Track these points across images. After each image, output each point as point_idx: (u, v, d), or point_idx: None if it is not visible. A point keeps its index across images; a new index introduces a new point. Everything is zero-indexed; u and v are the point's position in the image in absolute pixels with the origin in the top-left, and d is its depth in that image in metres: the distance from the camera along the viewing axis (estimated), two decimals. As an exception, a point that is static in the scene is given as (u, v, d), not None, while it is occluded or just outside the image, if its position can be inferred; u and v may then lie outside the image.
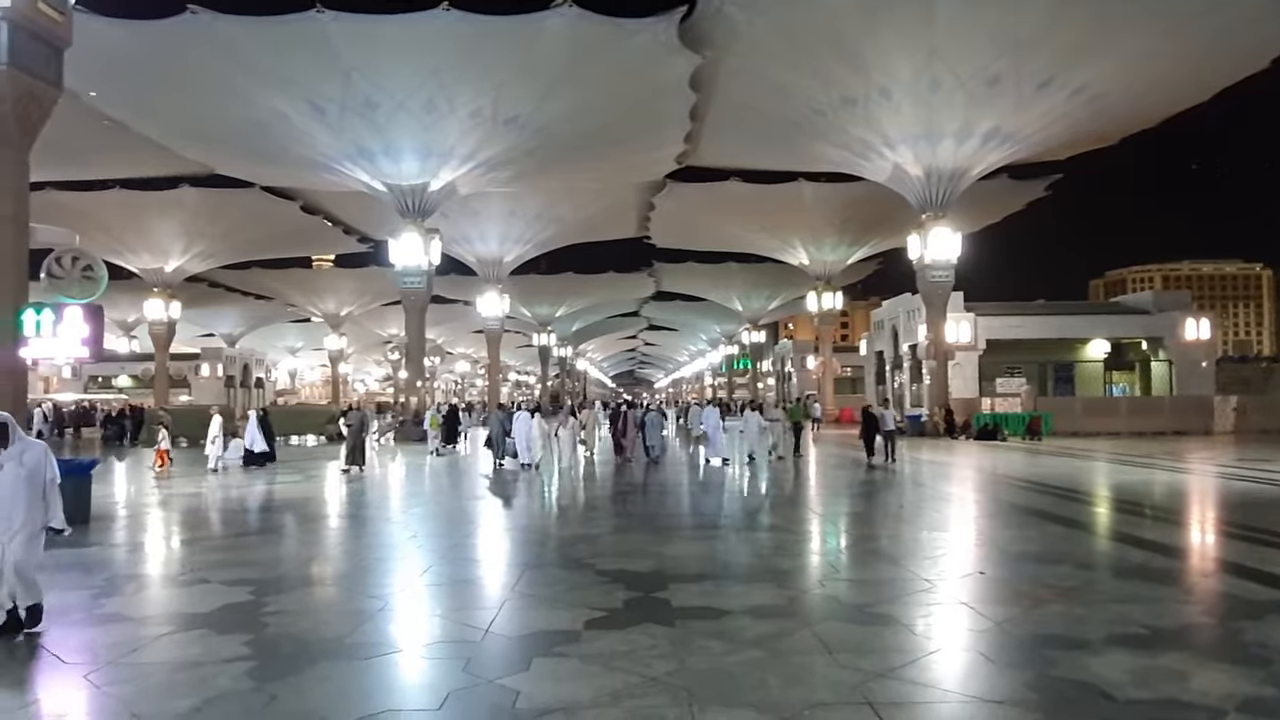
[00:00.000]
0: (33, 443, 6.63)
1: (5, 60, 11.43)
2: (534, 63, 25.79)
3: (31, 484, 6.36)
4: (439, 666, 5.82)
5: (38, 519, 6.44)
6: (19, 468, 6.32)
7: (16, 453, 6.38)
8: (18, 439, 6.45)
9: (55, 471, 6.65)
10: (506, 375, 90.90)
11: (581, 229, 46.32)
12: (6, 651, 6.17)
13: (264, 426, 21.85)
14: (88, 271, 12.97)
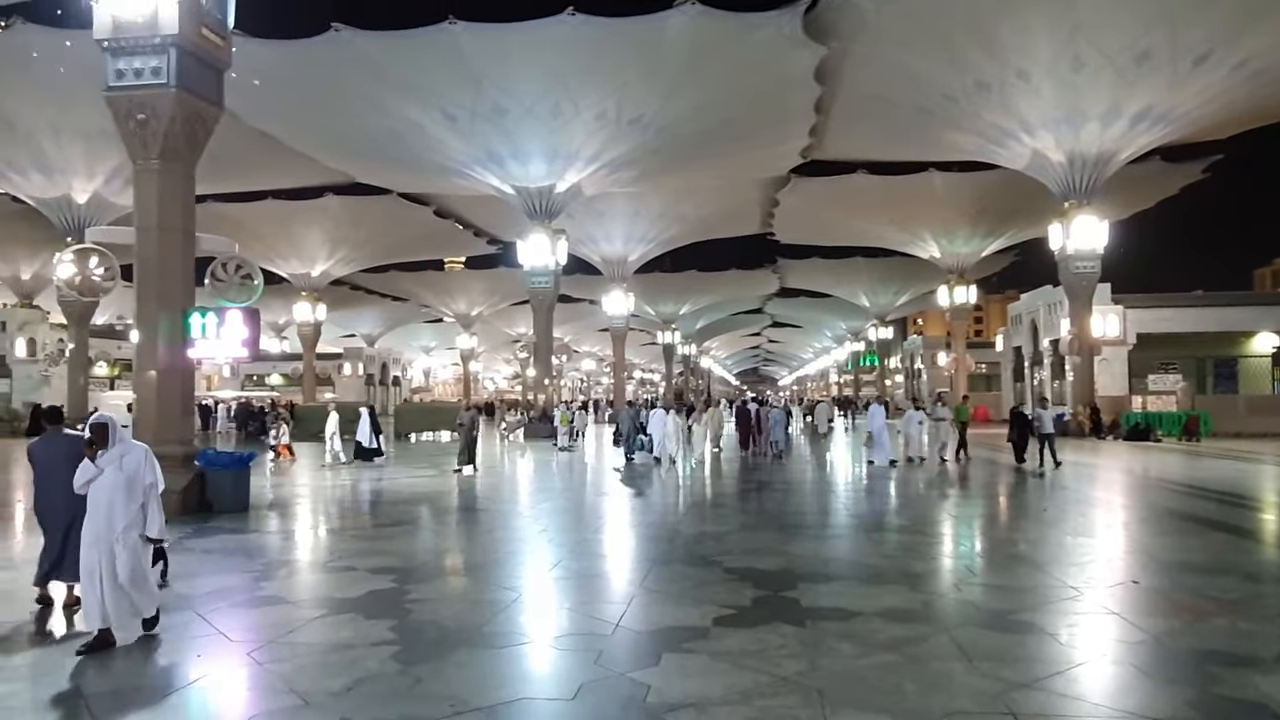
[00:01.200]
0: (134, 445, 6.30)
1: (174, 83, 12.39)
2: (657, 62, 25.94)
3: (131, 490, 6.09)
4: (571, 658, 5.95)
5: (138, 527, 6.16)
6: (118, 472, 6.04)
7: (116, 455, 6.09)
8: (119, 440, 6.16)
9: (157, 476, 6.31)
10: (631, 373, 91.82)
11: (704, 226, 46.26)
12: (182, 625, 6.69)
13: (373, 423, 22.56)
14: (246, 277, 13.93)
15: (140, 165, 12.89)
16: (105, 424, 6.15)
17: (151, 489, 6.24)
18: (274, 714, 4.83)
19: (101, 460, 6.01)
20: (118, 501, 5.98)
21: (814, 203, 41.17)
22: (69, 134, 29.34)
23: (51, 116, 28.50)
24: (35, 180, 32.27)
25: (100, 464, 6.00)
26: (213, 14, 13.11)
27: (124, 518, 6.01)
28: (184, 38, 12.43)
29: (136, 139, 12.68)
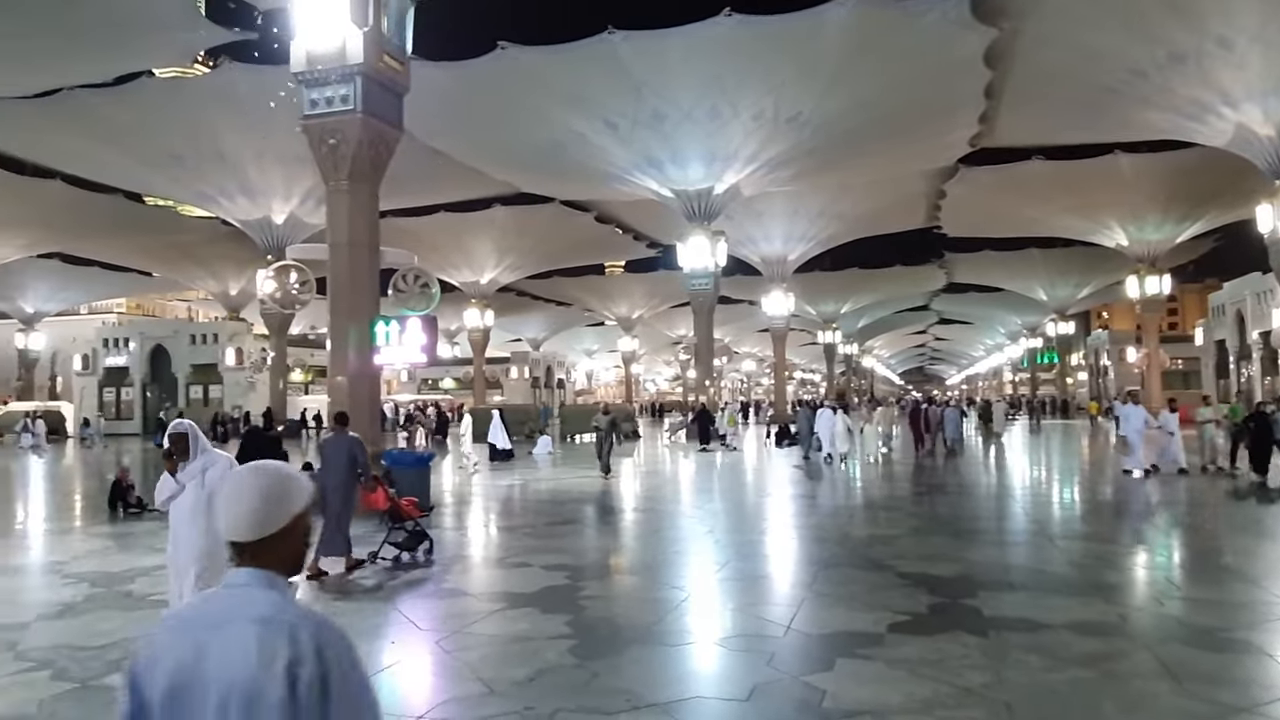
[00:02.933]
0: (218, 456, 5.47)
1: (360, 108, 13.34)
2: (815, 58, 25.49)
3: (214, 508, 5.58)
4: (743, 659, 5.95)
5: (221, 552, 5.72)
6: (200, 489, 5.24)
7: (198, 469, 5.32)
8: (201, 452, 5.38)
9: None
10: (791, 374, 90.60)
11: (866, 223, 45.00)
12: (374, 612, 7.18)
13: (505, 425, 23.29)
14: (424, 287, 14.77)
15: (332, 186, 13.94)
16: (185, 433, 5.41)
17: None
18: (463, 700, 5.10)
19: (182, 475, 5.33)
20: (198, 522, 5.17)
21: (984, 193, 39.20)
22: (269, 160, 32.10)
23: (254, 145, 31.26)
24: (241, 204, 35.54)
25: (181, 479, 5.33)
26: (393, 42, 14.01)
27: (206, 542, 5.14)
28: (368, 66, 13.35)
29: (328, 162, 13.72)
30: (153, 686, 1.63)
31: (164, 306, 79.86)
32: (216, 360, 46.79)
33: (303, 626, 1.64)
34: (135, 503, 13.70)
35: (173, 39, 24.29)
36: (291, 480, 1.83)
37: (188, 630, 1.66)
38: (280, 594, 1.72)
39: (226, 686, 1.57)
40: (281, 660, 1.58)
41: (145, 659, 1.67)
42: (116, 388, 47.52)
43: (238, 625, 1.62)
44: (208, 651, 1.61)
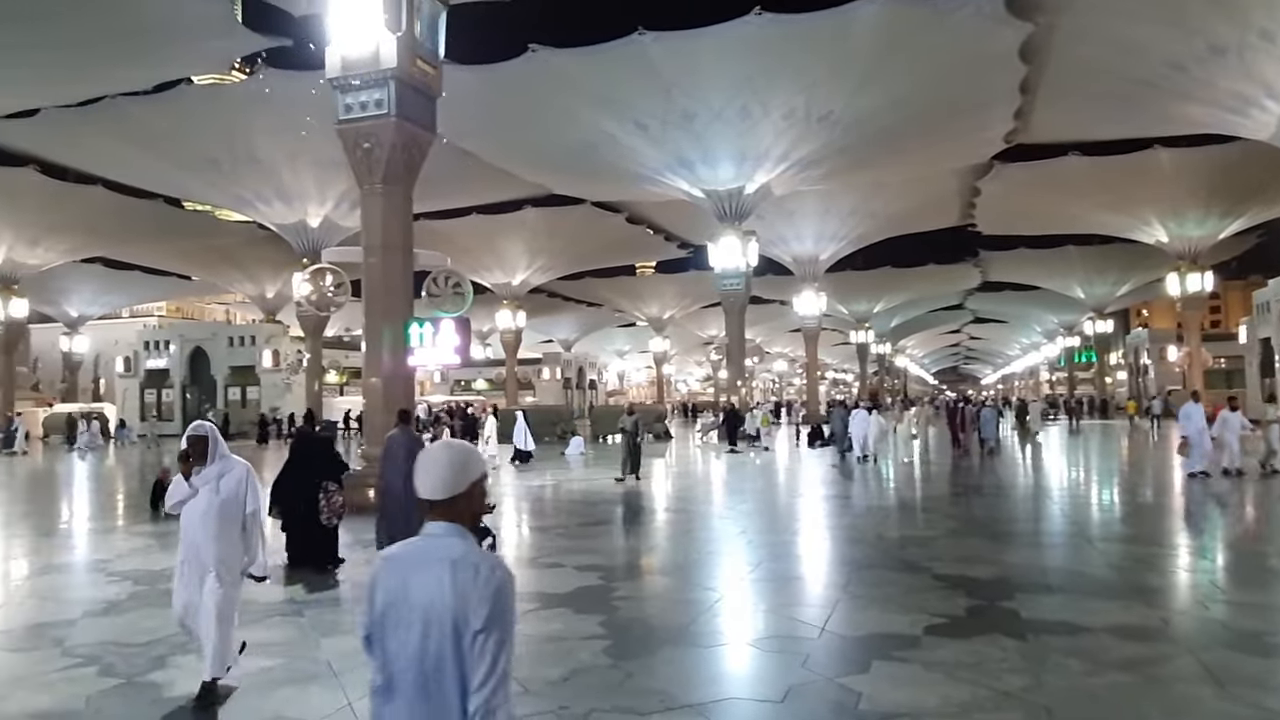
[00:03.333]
0: (235, 462, 5.23)
1: (394, 112, 13.49)
2: (846, 56, 25.31)
3: (225, 515, 5.08)
4: (778, 660, 5.92)
5: (235, 560, 5.15)
6: (214, 495, 5.07)
7: (214, 475, 5.11)
8: (219, 457, 5.16)
9: (259, 500, 5.30)
10: (824, 374, 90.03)
11: (899, 221, 44.61)
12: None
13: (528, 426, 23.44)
14: (457, 288, 14.90)
15: (366, 189, 14.10)
16: (205, 436, 5.16)
17: (253, 517, 5.24)
18: (498, 699, 5.12)
19: (197, 479, 5.09)
20: (210, 529, 5.02)
21: (1019, 190, 38.68)
22: (304, 165, 32.52)
23: (289, 150, 31.69)
24: (277, 208, 36.04)
25: (195, 483, 5.09)
26: (425, 46, 14.14)
27: (217, 549, 5.03)
28: (401, 70, 13.48)
29: (363, 165, 13.88)
30: (376, 605, 2.25)
31: (203, 309, 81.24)
32: (254, 362, 47.51)
33: (483, 567, 2.19)
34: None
35: (210, 47, 24.71)
36: (471, 455, 2.36)
37: (398, 566, 2.26)
38: (465, 541, 2.25)
39: (426, 609, 2.16)
40: (469, 588, 2.14)
41: (370, 585, 2.28)
42: (157, 389, 48.42)
43: (435, 563, 2.19)
44: (412, 582, 2.20)
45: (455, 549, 2.21)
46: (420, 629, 2.15)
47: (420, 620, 2.15)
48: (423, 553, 2.24)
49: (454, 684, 2.13)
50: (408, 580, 2.20)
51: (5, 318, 42.34)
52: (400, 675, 2.18)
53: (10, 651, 6.35)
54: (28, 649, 6.37)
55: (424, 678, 2.15)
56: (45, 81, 25.43)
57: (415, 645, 2.15)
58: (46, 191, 35.96)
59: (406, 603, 2.18)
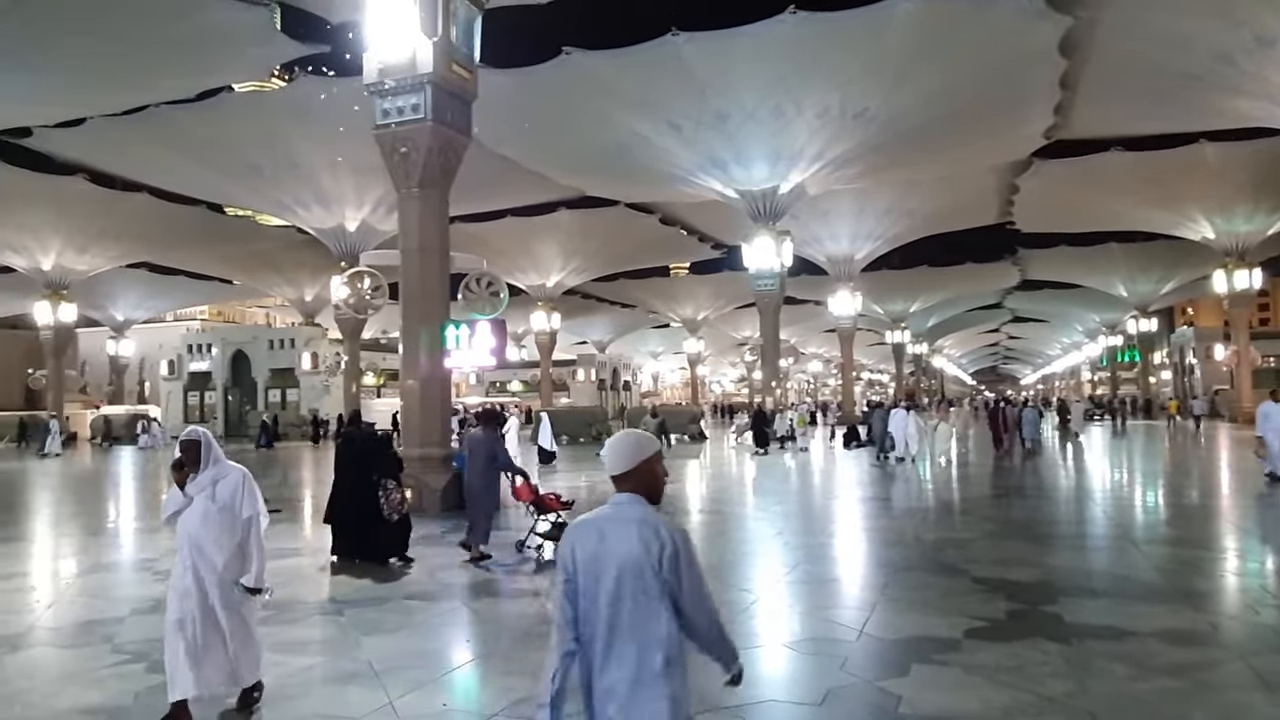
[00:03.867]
0: (230, 468, 4.99)
1: (430, 117, 13.63)
2: (881, 53, 25.10)
3: (223, 525, 4.84)
4: (815, 663, 5.89)
5: (236, 569, 4.89)
6: (209, 502, 4.84)
7: (209, 481, 4.87)
8: (213, 462, 4.92)
9: (257, 508, 4.98)
10: (859, 374, 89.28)
11: (935, 220, 44.13)
12: (450, 612, 7.31)
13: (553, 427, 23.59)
14: (493, 291, 15.03)
15: (403, 193, 14.26)
16: (198, 441, 4.93)
17: (252, 524, 4.93)
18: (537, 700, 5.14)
19: (191, 487, 4.87)
20: (206, 540, 4.79)
21: (1059, 187, 38.07)
22: (342, 170, 32.98)
23: (328, 155, 32.14)
24: (315, 212, 36.57)
25: (189, 491, 4.87)
26: (461, 51, 14.27)
27: (217, 558, 4.81)
28: (437, 75, 13.63)
29: (400, 170, 14.05)
30: (574, 559, 2.82)
31: (244, 313, 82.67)
32: (293, 364, 48.23)
33: (663, 526, 2.78)
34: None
35: (251, 55, 25.14)
36: (643, 439, 2.98)
37: (593, 526, 2.85)
38: (644, 508, 2.84)
39: (620, 560, 2.73)
40: (654, 545, 2.72)
41: (569, 542, 2.87)
42: (200, 392, 49.36)
43: (624, 523, 2.79)
44: (607, 538, 2.78)
45: (637, 513, 2.81)
46: (615, 573, 2.73)
47: (615, 566, 2.74)
48: (613, 516, 2.85)
49: (645, 612, 2.71)
50: (604, 537, 2.79)
51: (55, 322, 43.43)
52: (595, 606, 2.76)
53: (62, 648, 6.52)
54: (78, 645, 6.53)
55: (618, 606, 2.72)
56: (93, 91, 26.07)
57: (612, 584, 2.74)
58: (94, 199, 36.86)
59: (604, 554, 2.76)
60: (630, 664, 2.69)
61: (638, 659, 2.69)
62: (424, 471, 13.81)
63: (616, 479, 2.89)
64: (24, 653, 6.38)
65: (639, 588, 2.71)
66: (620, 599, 2.71)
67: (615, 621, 2.71)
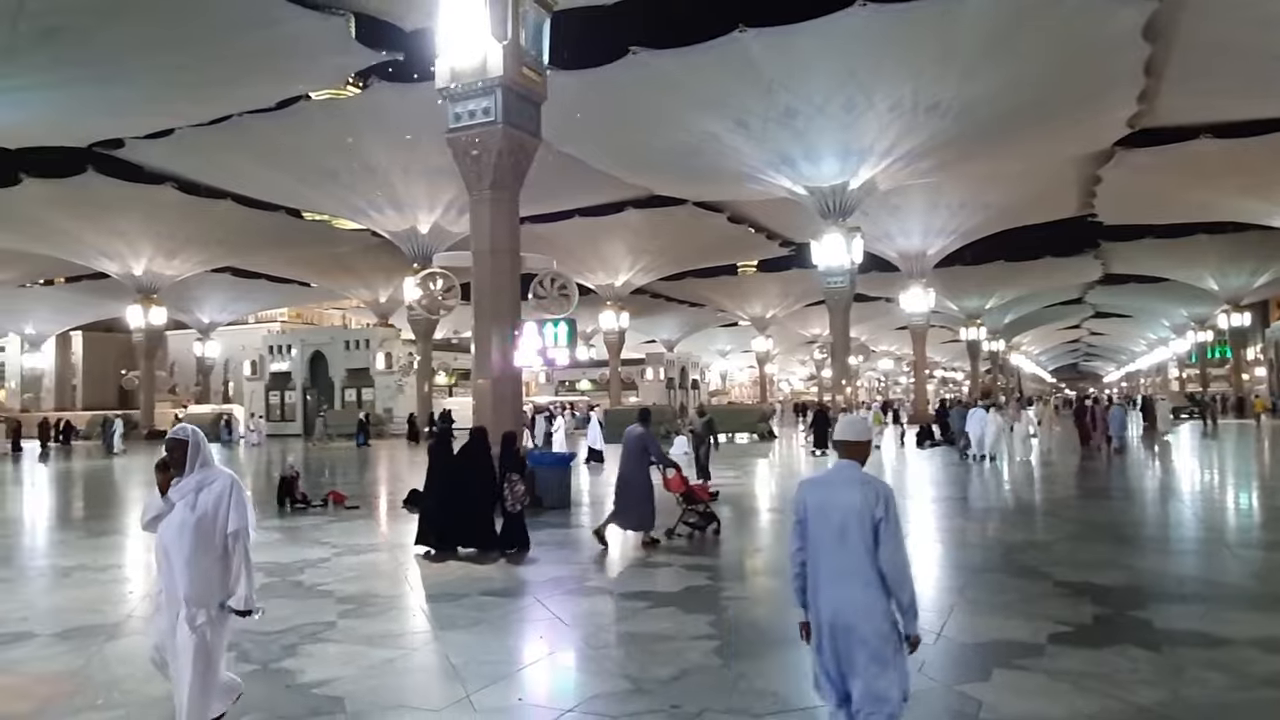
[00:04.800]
0: (218, 474, 4.39)
1: (501, 119, 13.81)
2: (954, 43, 24.52)
3: (201, 536, 4.23)
4: (892, 665, 5.78)
5: (210, 592, 4.24)
6: (189, 511, 4.25)
7: (192, 487, 4.29)
8: (200, 465, 4.33)
9: (246, 519, 4.35)
10: (932, 372, 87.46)
11: (1012, 214, 42.92)
12: (525, 609, 7.40)
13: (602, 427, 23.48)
14: (563, 290, 15.15)
15: (475, 195, 14.48)
16: (184, 441, 4.35)
17: (237, 538, 4.32)
18: (611, 696, 5.19)
19: (173, 492, 4.30)
20: (183, 552, 4.19)
21: (1144, 177, 36.65)
22: (414, 174, 33.67)
23: (401, 160, 32.87)
24: (389, 216, 37.45)
25: (171, 496, 4.30)
26: (531, 53, 14.42)
27: (188, 577, 4.19)
28: (508, 78, 13.80)
29: (472, 172, 14.27)
30: (806, 506, 3.74)
31: (321, 315, 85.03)
32: (368, 364, 49.39)
33: (880, 485, 3.67)
34: (301, 499, 14.63)
35: (327, 63, 25.86)
36: (866, 423, 4.10)
37: (821, 483, 3.81)
38: (861, 471, 3.75)
39: (845, 508, 3.61)
40: (870, 497, 3.59)
41: (803, 494, 3.79)
42: (280, 391, 50.93)
43: (847, 481, 3.70)
44: (834, 493, 3.69)
45: (857, 475, 3.72)
46: (839, 519, 3.60)
47: (840, 514, 3.61)
48: (837, 477, 3.78)
49: (860, 545, 3.57)
50: (831, 491, 3.71)
51: (146, 325, 45.39)
52: (823, 542, 3.65)
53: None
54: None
55: (841, 542, 3.59)
56: (180, 102, 27.16)
57: (836, 527, 3.61)
58: (182, 206, 38.40)
59: (831, 505, 3.65)
60: (849, 577, 3.57)
61: (855, 573, 3.56)
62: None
63: (842, 448, 3.84)
64: (121, 641, 6.66)
65: (857, 526, 3.57)
66: (846, 534, 3.58)
67: (839, 550, 3.60)
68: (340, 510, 14.22)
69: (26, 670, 5.97)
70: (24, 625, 7.14)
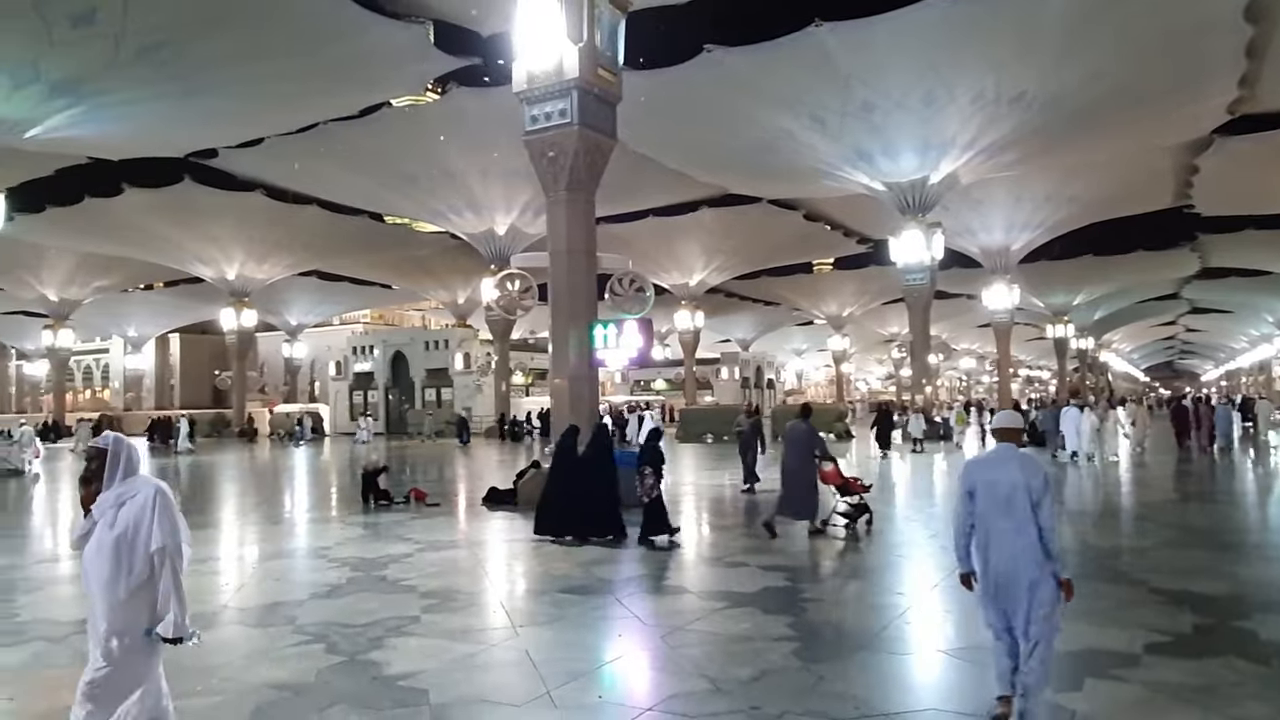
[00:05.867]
0: (140, 484, 3.76)
1: (577, 121, 13.92)
2: (1039, 31, 23.73)
3: (120, 557, 3.63)
4: (978, 672, 5.61)
5: (127, 621, 3.63)
6: (107, 530, 3.67)
7: (111, 502, 3.71)
8: (120, 479, 3.74)
9: (169, 535, 3.68)
10: (1016, 371, 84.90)
11: (1101, 206, 41.32)
12: (604, 607, 7.45)
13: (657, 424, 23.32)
14: (640, 290, 15.20)
15: (551, 197, 14.63)
16: (104, 450, 3.80)
17: (161, 556, 3.67)
18: (690, 696, 5.18)
19: (95, 508, 3.75)
20: (100, 574, 3.64)
21: (1246, 165, 34.84)
22: (492, 177, 34.25)
23: (479, 163, 33.46)
24: (467, 218, 38.17)
25: (94, 513, 3.74)
26: (606, 54, 14.50)
27: (108, 600, 3.63)
28: (583, 79, 13.91)
29: (548, 174, 14.42)
30: (974, 482, 4.60)
31: (402, 316, 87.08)
32: (447, 365, 50.40)
33: (1035, 460, 4.57)
34: (384, 495, 15.01)
35: (408, 71, 26.50)
36: (1017, 415, 5.18)
37: (987, 462, 4.70)
38: (1018, 451, 4.62)
39: (1009, 481, 4.45)
40: (1031, 472, 4.44)
41: (971, 470, 4.70)
42: (364, 391, 52.37)
43: (1009, 459, 4.56)
44: (999, 468, 4.54)
45: (1015, 454, 4.59)
46: (1006, 489, 4.45)
47: (1005, 485, 4.46)
48: (999, 456, 4.63)
49: (1023, 510, 4.39)
50: (997, 468, 4.56)
51: (238, 327, 47.24)
52: (992, 509, 4.50)
53: (251, 627, 7.06)
54: (265, 625, 7.06)
55: (1008, 507, 4.43)
56: (270, 112, 28.18)
57: (1003, 496, 4.45)
58: (271, 212, 39.88)
59: (997, 478, 4.51)
60: (1015, 534, 4.41)
61: (1020, 531, 4.39)
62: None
63: (999, 434, 4.75)
64: (218, 630, 6.94)
65: (1022, 494, 4.38)
66: (1011, 500, 4.41)
67: (1006, 514, 4.42)
68: (421, 507, 14.54)
69: (132, 656, 6.26)
70: (129, 613, 7.49)
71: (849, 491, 11.41)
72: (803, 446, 11.36)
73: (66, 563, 10.04)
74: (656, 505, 10.76)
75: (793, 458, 11.37)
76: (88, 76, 22.42)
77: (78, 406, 65.20)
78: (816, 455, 11.33)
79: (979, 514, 4.52)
